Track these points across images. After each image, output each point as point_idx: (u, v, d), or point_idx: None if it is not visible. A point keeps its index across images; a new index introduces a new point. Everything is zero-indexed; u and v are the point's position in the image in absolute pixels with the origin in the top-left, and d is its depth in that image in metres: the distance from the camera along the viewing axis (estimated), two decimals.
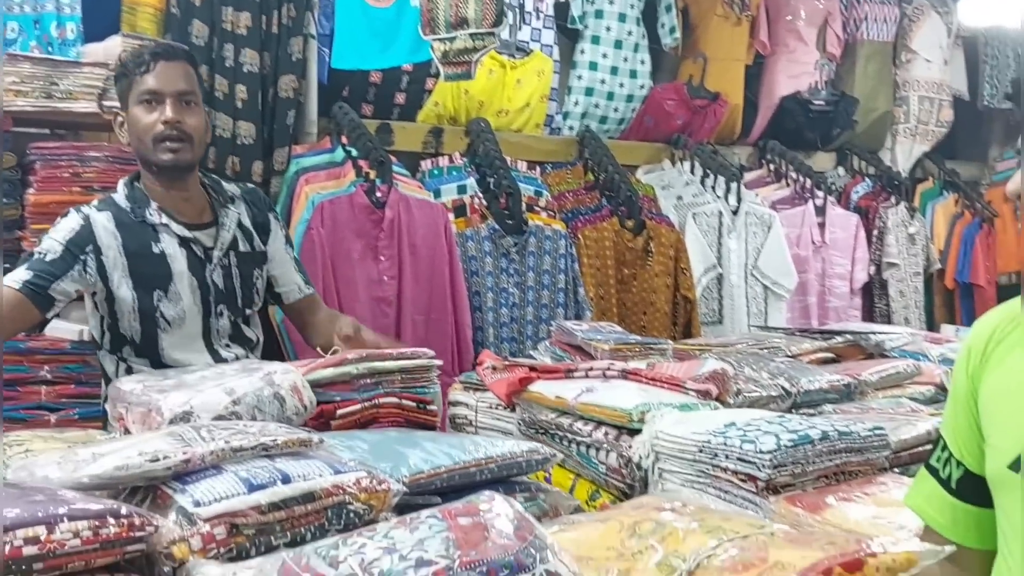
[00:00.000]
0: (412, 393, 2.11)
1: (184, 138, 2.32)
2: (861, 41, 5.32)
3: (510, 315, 3.75)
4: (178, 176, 2.38)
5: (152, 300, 2.34)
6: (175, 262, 2.37)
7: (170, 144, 2.31)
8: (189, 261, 2.39)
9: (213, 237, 2.43)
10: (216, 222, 2.45)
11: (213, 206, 2.46)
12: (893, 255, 5.04)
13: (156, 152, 2.32)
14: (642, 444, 1.93)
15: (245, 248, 2.49)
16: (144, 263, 2.34)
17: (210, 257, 2.42)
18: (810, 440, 1.75)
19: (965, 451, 1.45)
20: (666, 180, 4.54)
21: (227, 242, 2.45)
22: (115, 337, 2.38)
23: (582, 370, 2.34)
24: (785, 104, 5.02)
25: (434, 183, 3.83)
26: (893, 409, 2.33)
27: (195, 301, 2.39)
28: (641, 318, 4.06)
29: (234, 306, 2.47)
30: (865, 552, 1.04)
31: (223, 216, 2.45)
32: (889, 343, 2.98)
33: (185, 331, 2.38)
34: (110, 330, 2.38)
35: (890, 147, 5.54)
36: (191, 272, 2.39)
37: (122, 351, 2.38)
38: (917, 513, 1.52)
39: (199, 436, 1.44)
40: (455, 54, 3.08)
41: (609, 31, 4.46)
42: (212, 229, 2.44)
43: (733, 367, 2.37)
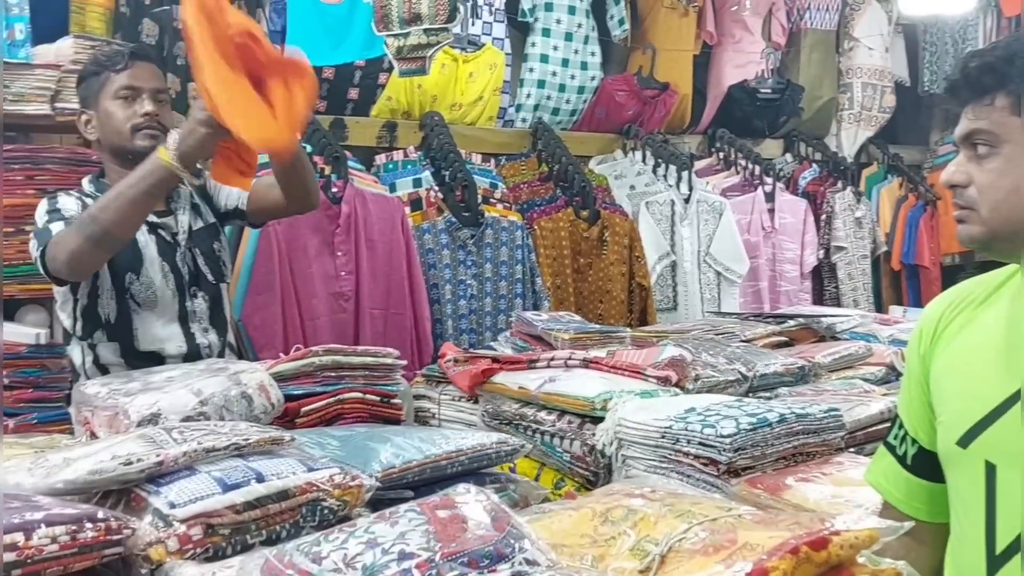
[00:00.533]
0: (376, 388, 2.12)
1: (161, 130, 2.35)
2: (805, 30, 5.41)
3: (469, 307, 3.77)
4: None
5: (124, 282, 2.36)
6: (146, 248, 2.40)
7: (149, 132, 2.35)
8: (159, 247, 2.42)
9: (175, 222, 2.47)
10: (171, 210, 2.48)
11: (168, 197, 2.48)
12: (841, 239, 5.14)
13: (135, 140, 2.35)
14: (605, 432, 1.97)
15: (199, 225, 2.52)
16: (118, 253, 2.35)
17: (178, 243, 2.46)
18: (768, 423, 1.80)
19: (919, 428, 1.51)
20: (619, 170, 4.58)
21: (186, 224, 2.47)
22: (88, 322, 2.37)
23: (544, 360, 2.38)
24: (733, 93, 5.09)
25: (389, 177, 3.83)
26: (846, 390, 2.40)
27: (168, 285, 2.41)
28: (598, 306, 4.11)
29: (208, 285, 2.49)
30: (829, 531, 1.08)
31: (174, 201, 2.48)
32: (840, 326, 3.05)
33: (159, 314, 2.38)
34: (84, 315, 2.37)
35: (835, 133, 5.65)
36: (162, 257, 2.41)
37: (93, 336, 2.37)
38: (876, 488, 1.58)
39: (171, 438, 1.45)
40: (409, 50, 3.09)
41: (559, 24, 4.49)
42: (170, 217, 2.48)
43: (691, 353, 2.42)
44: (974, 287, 1.48)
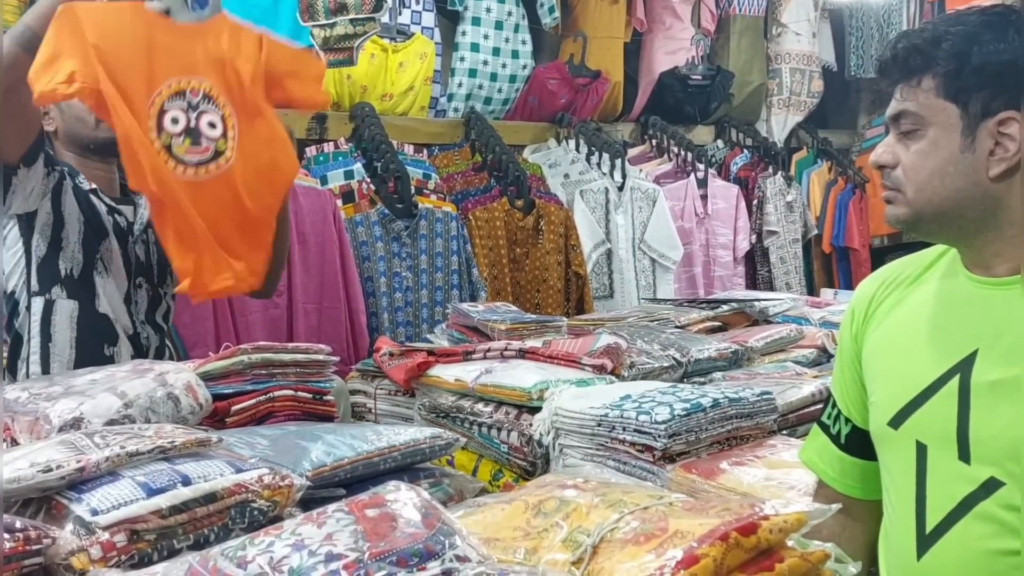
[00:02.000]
0: (308, 385, 2.09)
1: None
2: (734, 16, 5.47)
3: (404, 299, 3.75)
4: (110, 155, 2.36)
5: (95, 245, 2.34)
6: (107, 225, 2.39)
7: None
8: (115, 230, 2.40)
9: (132, 214, 2.45)
10: (132, 201, 2.47)
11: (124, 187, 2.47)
12: (773, 223, 5.21)
13: (98, 131, 2.33)
14: (542, 421, 1.97)
15: None
16: (89, 211, 2.35)
17: (131, 230, 2.44)
18: (702, 408, 1.81)
19: (852, 408, 1.53)
20: (553, 159, 4.59)
21: (145, 219, 2.45)
22: (45, 275, 2.29)
23: (480, 352, 2.37)
24: (664, 80, 5.12)
25: (320, 170, 3.78)
26: (779, 373, 2.43)
27: (120, 267, 2.39)
28: (535, 296, 4.11)
29: (151, 281, 2.46)
30: (758, 516, 1.09)
31: (138, 196, 2.46)
32: (772, 309, 3.09)
33: (116, 286, 2.36)
34: (40, 268, 2.29)
35: (766, 119, 5.72)
36: (117, 239, 2.40)
37: (51, 291, 2.29)
38: (809, 467, 1.60)
39: (93, 443, 1.41)
40: (336, 40, 3.05)
41: (489, 12, 4.46)
42: (130, 207, 2.46)
43: (626, 340, 2.43)
44: (904, 267, 1.50)
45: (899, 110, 1.36)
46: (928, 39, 1.34)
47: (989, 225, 1.33)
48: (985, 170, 1.30)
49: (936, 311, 1.40)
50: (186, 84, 2.14)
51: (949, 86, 1.31)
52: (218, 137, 2.18)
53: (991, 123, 1.29)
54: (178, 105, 2.13)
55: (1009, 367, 1.28)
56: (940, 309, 1.40)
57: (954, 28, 1.33)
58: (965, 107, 1.30)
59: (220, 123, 2.18)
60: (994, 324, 1.32)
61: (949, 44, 1.31)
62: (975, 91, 1.30)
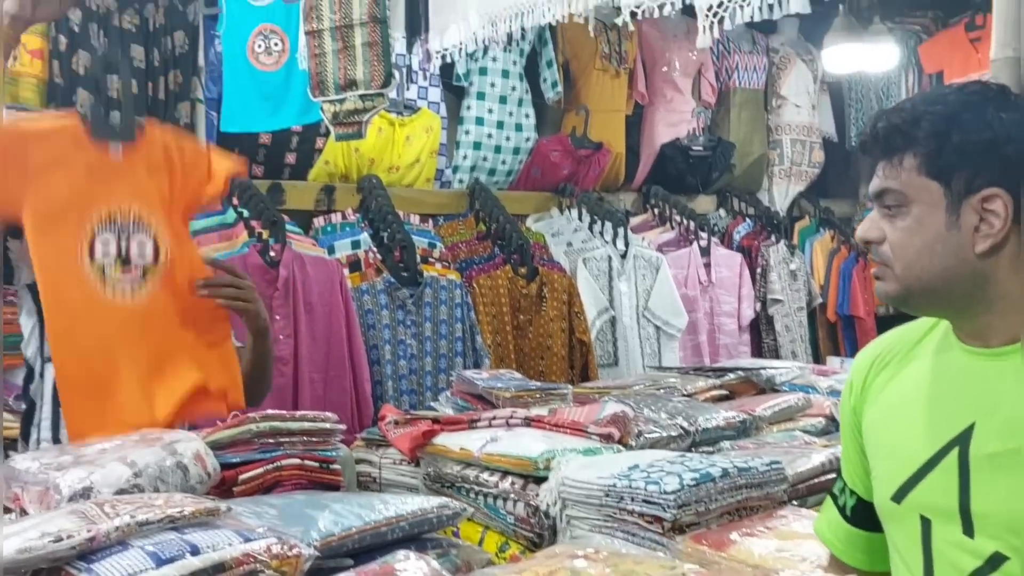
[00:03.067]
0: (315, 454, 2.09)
1: None
2: (734, 89, 5.55)
3: (409, 367, 3.75)
4: None
5: None
6: None
7: None
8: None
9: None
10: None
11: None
12: (777, 291, 5.22)
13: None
14: (549, 492, 1.95)
15: None
16: None
17: None
18: (711, 478, 1.80)
19: (857, 480, 1.53)
20: (555, 227, 4.63)
21: None
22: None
23: (485, 420, 2.35)
24: (665, 151, 5.19)
25: (328, 240, 3.82)
26: (788, 443, 2.41)
27: None
28: (539, 363, 4.11)
29: None
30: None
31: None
32: (779, 377, 3.08)
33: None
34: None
35: (767, 188, 5.77)
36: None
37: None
38: (820, 539, 1.59)
39: (103, 512, 1.41)
40: (345, 115, 3.11)
41: (494, 87, 4.55)
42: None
43: (633, 409, 2.42)
44: (898, 340, 1.50)
45: (882, 187, 1.38)
46: (907, 119, 1.35)
47: (979, 299, 1.33)
48: (971, 246, 1.31)
49: (932, 384, 1.40)
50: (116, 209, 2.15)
51: (931, 164, 1.32)
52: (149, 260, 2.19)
53: (975, 200, 1.30)
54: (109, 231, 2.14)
55: (1007, 440, 1.28)
56: (936, 382, 1.40)
57: (933, 108, 1.34)
58: (948, 185, 1.31)
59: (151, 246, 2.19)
60: (990, 396, 1.32)
61: (929, 124, 1.32)
62: (957, 169, 1.31)
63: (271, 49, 3.53)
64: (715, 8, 2.14)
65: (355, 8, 3.07)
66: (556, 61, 4.78)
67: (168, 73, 3.61)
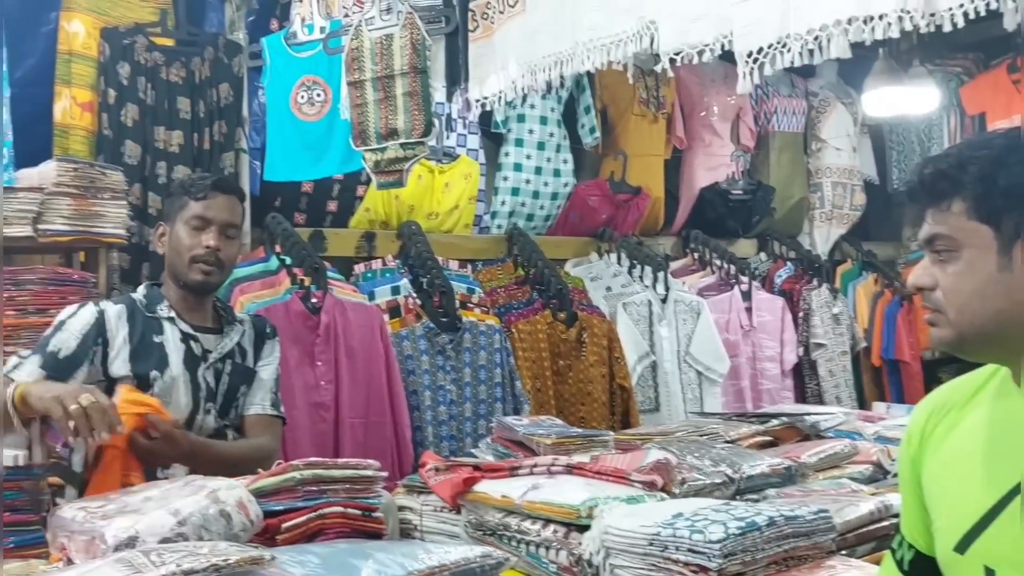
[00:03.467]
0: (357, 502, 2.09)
1: (217, 264, 2.48)
2: (773, 132, 5.55)
3: (448, 412, 3.75)
4: (202, 294, 2.54)
5: (148, 378, 2.41)
6: (173, 354, 2.46)
7: (204, 267, 2.46)
8: (186, 356, 2.48)
9: (214, 343, 2.54)
10: (221, 331, 2.57)
11: (220, 321, 2.59)
12: (820, 336, 5.17)
13: (190, 272, 2.47)
14: (592, 540, 1.93)
15: (240, 361, 2.58)
16: (144, 350, 2.44)
17: (206, 357, 2.51)
18: (757, 527, 1.77)
19: (916, 533, 1.50)
20: (594, 272, 4.63)
21: (226, 349, 2.54)
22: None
23: (527, 467, 2.34)
24: (705, 195, 5.19)
25: (368, 286, 3.85)
26: (835, 490, 2.37)
27: (186, 393, 2.46)
28: (579, 409, 4.09)
29: (217, 408, 2.52)
30: None
31: (228, 329, 2.57)
32: (824, 423, 3.04)
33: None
34: None
35: (808, 232, 5.74)
36: (185, 367, 2.47)
37: None
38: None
39: (149, 561, 1.42)
40: (386, 163, 3.15)
41: (532, 133, 4.59)
42: (216, 336, 2.55)
43: (676, 456, 2.40)
44: (955, 390, 1.48)
45: (932, 233, 1.37)
46: (954, 164, 1.34)
47: None
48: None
49: (992, 431, 1.38)
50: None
51: (980, 208, 1.31)
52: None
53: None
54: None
55: None
56: (996, 429, 1.38)
57: (979, 152, 1.33)
58: (998, 227, 1.30)
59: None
60: None
61: (976, 168, 1.32)
62: (1006, 212, 1.29)
63: (314, 100, 3.59)
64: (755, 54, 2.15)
65: (396, 59, 3.12)
66: (594, 107, 4.81)
67: (213, 124, 3.69)
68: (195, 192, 2.48)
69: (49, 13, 3.52)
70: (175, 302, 2.51)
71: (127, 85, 3.54)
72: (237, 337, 2.58)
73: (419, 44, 3.13)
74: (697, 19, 2.30)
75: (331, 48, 3.45)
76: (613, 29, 2.56)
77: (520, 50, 2.92)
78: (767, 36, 2.15)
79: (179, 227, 2.48)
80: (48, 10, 3.52)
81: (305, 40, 3.55)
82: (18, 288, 2.89)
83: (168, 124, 3.60)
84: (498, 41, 3.03)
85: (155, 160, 3.56)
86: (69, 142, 3.46)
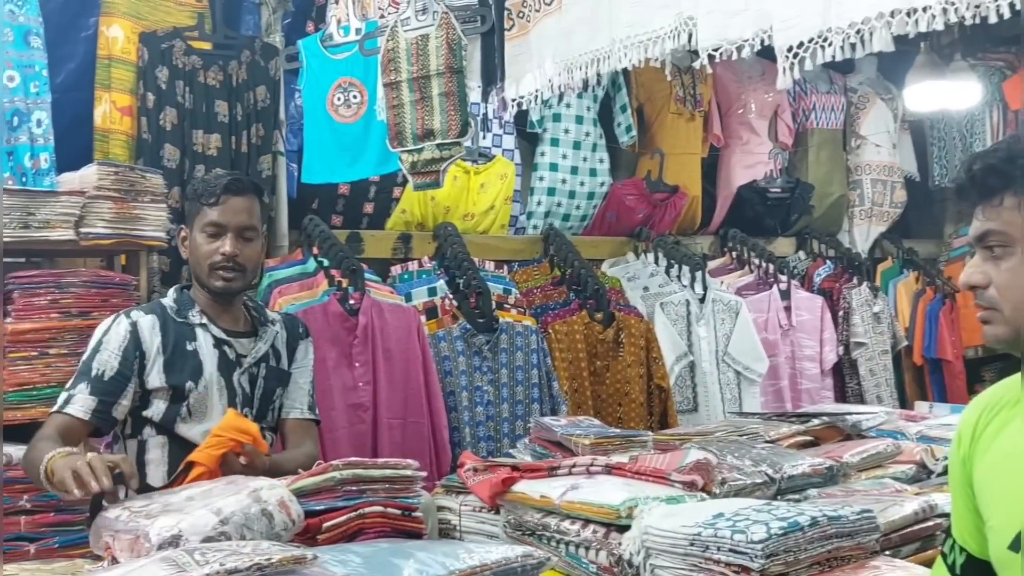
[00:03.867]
0: (397, 501, 2.09)
1: (238, 268, 2.44)
2: (811, 129, 5.50)
3: (486, 413, 3.75)
4: (227, 299, 2.51)
5: (184, 389, 2.41)
6: (207, 361, 2.45)
7: (224, 274, 2.43)
8: (220, 362, 2.46)
9: (248, 347, 2.52)
10: (255, 334, 2.55)
11: (253, 323, 2.57)
12: (860, 334, 5.11)
13: (210, 279, 2.44)
14: (632, 540, 1.92)
15: (275, 364, 2.56)
16: (178, 359, 2.42)
17: (240, 362, 2.49)
18: (800, 527, 1.76)
19: (967, 535, 1.48)
20: (631, 272, 4.60)
21: (260, 353, 2.53)
22: (137, 420, 2.42)
23: (565, 467, 2.33)
24: (743, 193, 5.15)
25: (405, 287, 3.86)
26: (878, 490, 2.34)
27: (221, 400, 2.44)
28: (617, 409, 4.07)
29: (252, 412, 2.51)
30: None
31: (262, 331, 2.55)
32: (866, 423, 3.00)
33: (205, 428, 2.38)
34: (132, 414, 2.41)
35: (848, 229, 5.68)
36: (220, 373, 2.45)
37: (143, 432, 2.42)
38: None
39: (193, 560, 1.43)
40: (423, 164, 3.16)
41: (567, 133, 4.58)
42: (249, 340, 2.53)
43: (716, 456, 2.38)
44: (1005, 389, 1.46)
45: (984, 230, 1.35)
46: (1003, 158, 1.33)
47: None
48: None
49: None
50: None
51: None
52: None
53: None
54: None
55: None
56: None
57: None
58: None
59: None
60: None
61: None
62: None
63: (350, 101, 3.61)
64: (795, 49, 2.12)
65: (432, 59, 3.13)
66: (630, 105, 4.79)
67: (251, 127, 3.72)
68: (207, 198, 2.44)
69: (88, 19, 3.57)
70: (205, 306, 2.49)
71: (165, 89, 3.58)
72: (271, 340, 2.56)
73: (455, 44, 3.13)
74: (736, 14, 2.27)
75: (367, 49, 3.46)
76: (651, 25, 2.54)
77: (556, 48, 2.90)
78: (808, 30, 2.12)
79: (196, 234, 2.46)
80: (87, 16, 3.57)
81: (341, 42, 3.56)
82: (61, 291, 2.92)
83: (206, 127, 3.63)
84: (534, 39, 3.02)
85: (193, 163, 3.60)
86: (109, 146, 3.50)
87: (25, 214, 2.89)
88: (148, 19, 3.64)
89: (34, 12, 3.31)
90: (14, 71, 3.25)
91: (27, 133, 3.26)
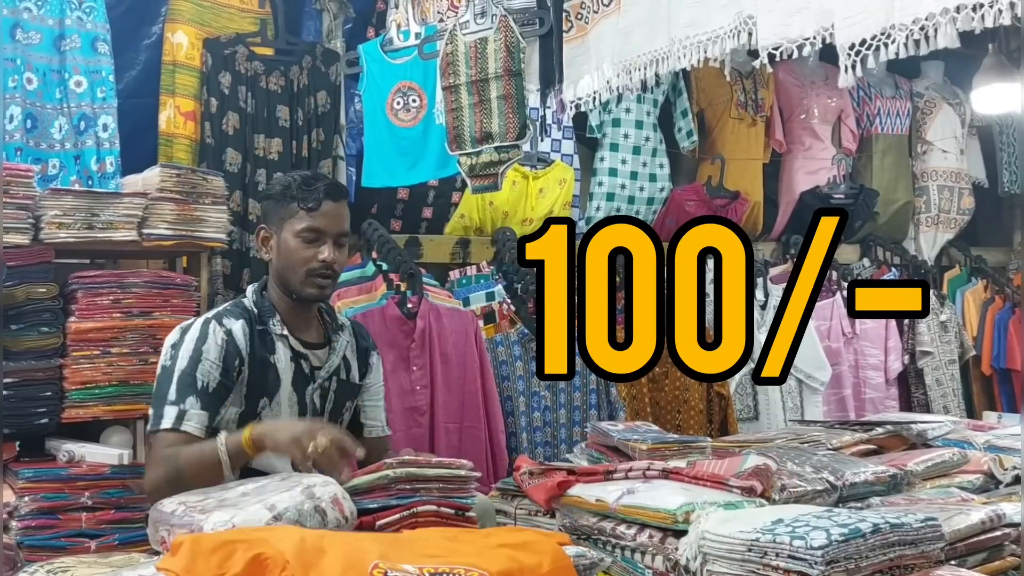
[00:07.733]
0: (451, 500, 2.09)
1: (333, 276, 2.41)
2: (876, 135, 5.40)
3: (543, 419, 3.73)
4: (311, 305, 2.48)
5: (256, 407, 2.37)
6: (284, 374, 2.41)
7: (320, 281, 2.38)
8: (295, 376, 2.42)
9: (322, 359, 2.48)
10: (328, 345, 2.50)
11: (326, 330, 2.52)
12: (926, 343, 5.00)
13: (305, 285, 2.38)
14: (689, 545, 1.90)
15: (345, 377, 2.53)
16: (260, 371, 2.37)
17: (315, 376, 2.45)
18: (861, 534, 1.72)
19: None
20: None
21: (334, 366, 2.49)
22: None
23: (622, 471, 2.31)
24: (805, 199, 5.07)
25: (463, 292, 3.87)
26: (943, 499, 2.29)
27: (291, 414, 2.40)
28: (676, 416, 4.03)
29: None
30: None
31: (335, 341, 2.50)
32: (931, 432, 2.94)
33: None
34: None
35: (913, 237, 5.57)
36: (293, 387, 2.42)
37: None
38: None
39: None
40: (481, 167, 3.17)
41: (627, 138, 4.55)
42: (323, 351, 2.48)
43: (775, 462, 2.34)
44: None
45: None
46: None
47: None
48: None
49: None
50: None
51: None
52: None
53: None
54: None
55: None
56: None
57: None
58: None
59: None
60: None
61: None
62: None
63: (409, 105, 3.63)
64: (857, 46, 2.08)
65: (491, 62, 3.13)
66: (691, 110, 4.75)
67: (311, 132, 3.77)
68: (306, 202, 2.35)
69: (151, 26, 3.65)
70: (284, 313, 2.42)
71: (228, 94, 3.63)
72: (342, 351, 2.51)
73: (513, 47, 3.13)
74: (797, 12, 2.24)
75: (426, 53, 3.48)
76: (710, 25, 2.51)
77: (615, 49, 2.88)
78: (870, 27, 2.07)
79: (289, 237, 2.37)
80: (150, 23, 3.66)
81: (401, 46, 3.58)
82: (123, 291, 2.97)
83: (267, 132, 3.69)
84: (592, 41, 3.01)
85: (255, 167, 3.65)
86: (173, 151, 3.56)
87: (89, 215, 2.94)
88: (212, 25, 3.71)
89: (101, 19, 3.40)
90: (81, 76, 3.33)
91: (93, 137, 3.33)
